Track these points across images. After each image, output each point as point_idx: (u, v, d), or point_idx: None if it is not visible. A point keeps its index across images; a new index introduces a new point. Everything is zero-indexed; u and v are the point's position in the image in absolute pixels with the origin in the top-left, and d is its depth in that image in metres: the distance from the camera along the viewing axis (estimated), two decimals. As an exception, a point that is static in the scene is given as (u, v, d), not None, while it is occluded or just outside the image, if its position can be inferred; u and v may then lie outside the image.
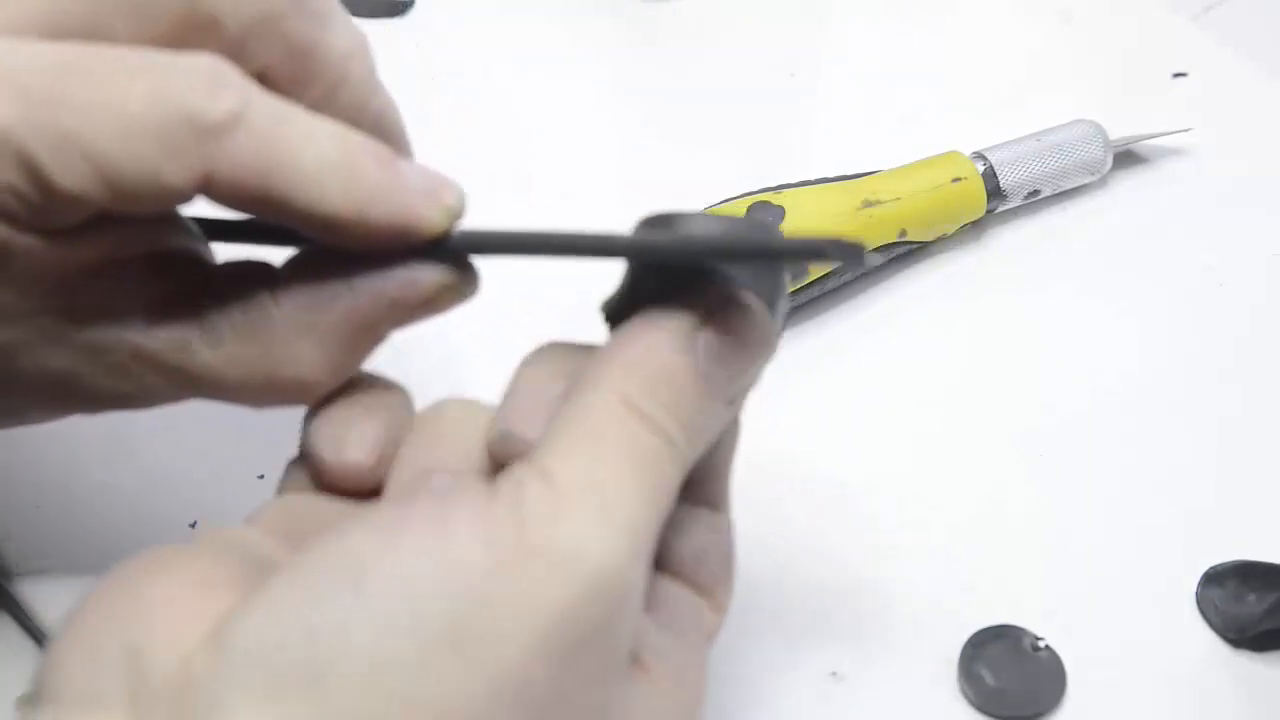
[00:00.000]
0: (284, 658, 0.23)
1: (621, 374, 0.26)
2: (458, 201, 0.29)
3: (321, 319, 0.28)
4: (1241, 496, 0.40)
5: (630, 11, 0.58)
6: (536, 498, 0.24)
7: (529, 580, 0.23)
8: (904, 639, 0.37)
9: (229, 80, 0.26)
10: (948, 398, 0.43)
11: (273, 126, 0.26)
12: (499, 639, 0.23)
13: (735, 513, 0.40)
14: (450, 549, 0.23)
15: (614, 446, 0.25)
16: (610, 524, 0.24)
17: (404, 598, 0.23)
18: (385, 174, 0.28)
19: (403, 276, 0.28)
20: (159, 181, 0.26)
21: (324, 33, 0.29)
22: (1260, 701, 0.35)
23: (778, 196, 0.44)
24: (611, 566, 0.24)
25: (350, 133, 0.28)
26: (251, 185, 0.26)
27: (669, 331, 0.27)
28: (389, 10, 0.58)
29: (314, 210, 0.27)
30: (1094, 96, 0.54)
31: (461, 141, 0.52)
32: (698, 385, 0.27)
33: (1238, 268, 0.47)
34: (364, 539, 0.24)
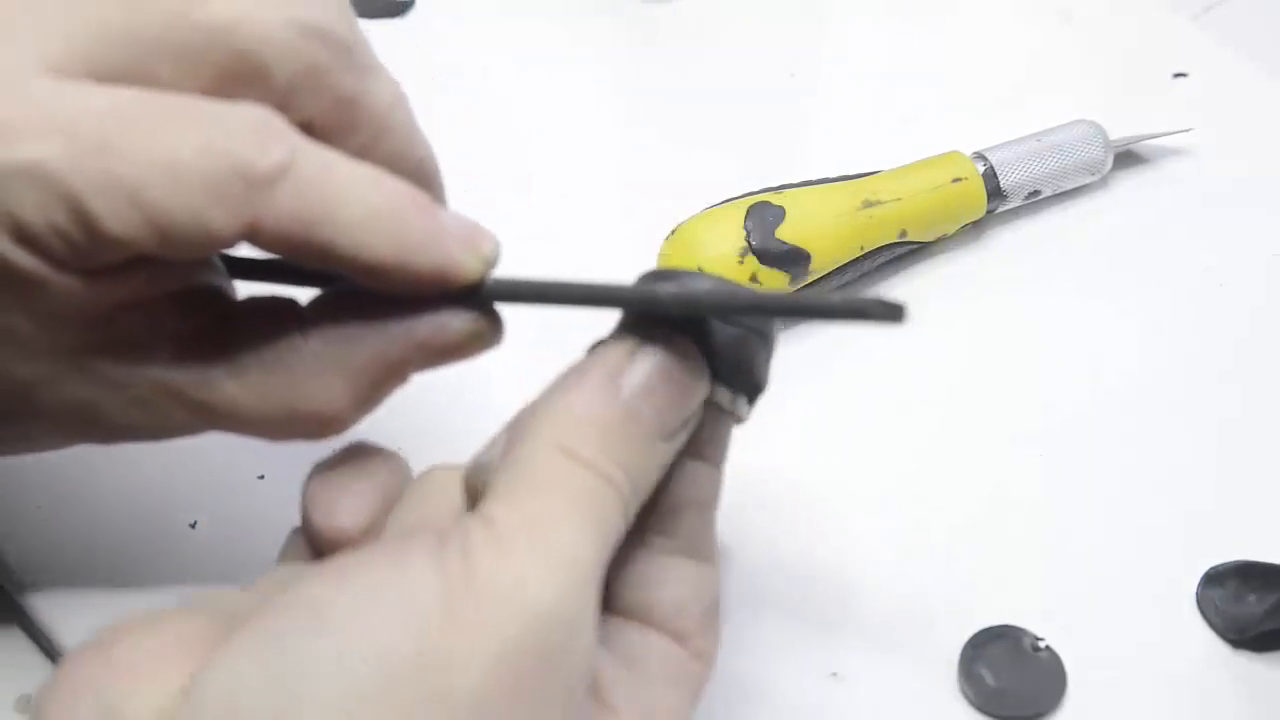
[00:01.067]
0: (251, 704, 0.23)
1: (552, 422, 0.27)
2: (493, 250, 0.29)
3: (348, 356, 0.29)
4: (1242, 497, 0.40)
5: (630, 12, 0.58)
6: (480, 540, 0.25)
7: (480, 616, 0.24)
8: (904, 639, 0.37)
9: (277, 131, 0.27)
10: (948, 398, 0.43)
11: (319, 177, 0.27)
12: (453, 673, 0.24)
13: (734, 512, 0.40)
14: (404, 587, 0.24)
15: (549, 489, 0.26)
16: (549, 560, 0.25)
17: (362, 634, 0.24)
18: (427, 222, 0.28)
19: (433, 322, 0.29)
20: (206, 229, 0.26)
21: (368, 84, 0.30)
22: (1260, 702, 0.35)
23: (778, 196, 0.44)
24: (554, 604, 0.25)
25: (393, 181, 0.28)
26: (297, 233, 0.27)
27: (593, 374, 0.28)
28: (389, 10, 0.58)
29: (358, 257, 0.27)
30: (1094, 96, 0.54)
31: (462, 141, 0.52)
32: (627, 422, 0.27)
33: (1238, 268, 0.47)
34: (321, 583, 0.25)
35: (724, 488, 0.41)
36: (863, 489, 0.41)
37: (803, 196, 0.44)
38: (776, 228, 0.43)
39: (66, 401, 0.29)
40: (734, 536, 0.39)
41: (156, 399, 0.29)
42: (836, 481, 0.41)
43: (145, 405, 0.29)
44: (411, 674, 0.23)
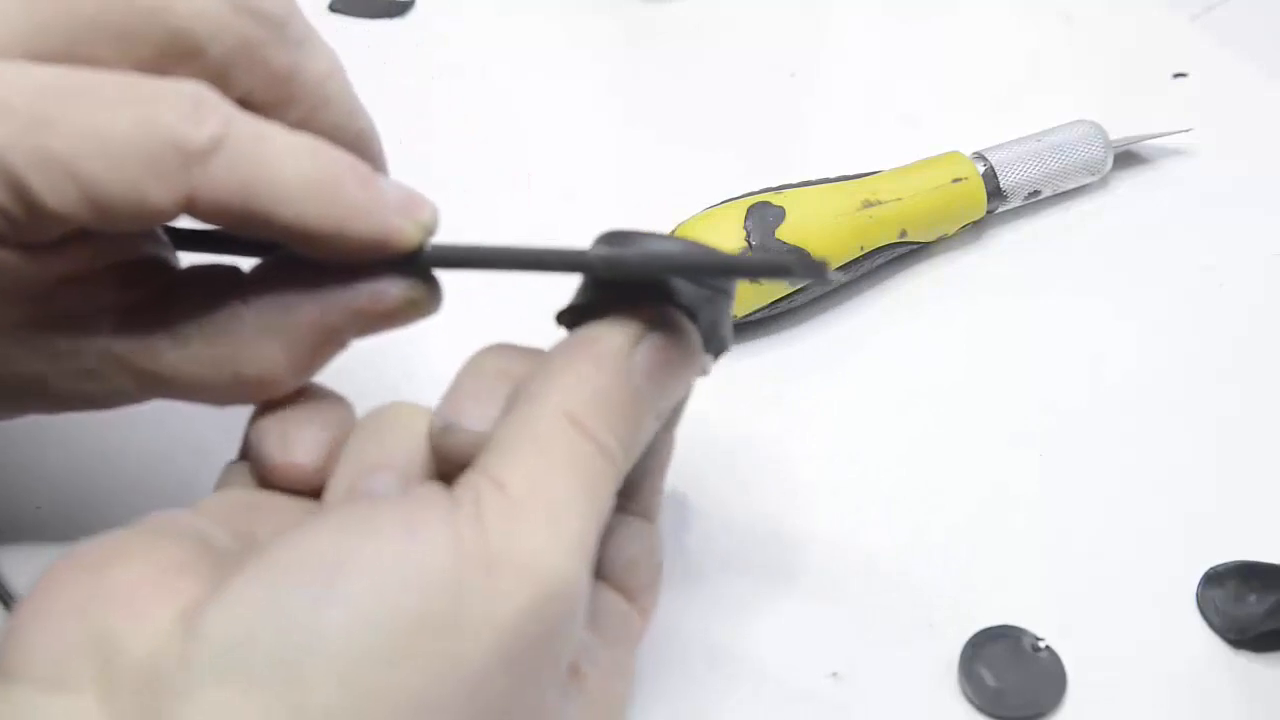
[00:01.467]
0: (257, 651, 0.23)
1: (564, 389, 0.27)
2: (432, 218, 0.30)
3: (288, 323, 0.30)
4: (1242, 497, 0.40)
5: (630, 12, 0.58)
6: (493, 508, 0.25)
7: (491, 587, 0.24)
8: (904, 639, 0.37)
9: (212, 105, 0.27)
10: (948, 398, 0.43)
11: (254, 148, 0.27)
12: (463, 639, 0.24)
13: (734, 513, 0.40)
14: (418, 551, 0.24)
15: (560, 459, 0.26)
16: (560, 537, 0.25)
17: (374, 596, 0.24)
18: (365, 190, 0.29)
19: (370, 289, 0.30)
20: (144, 203, 0.27)
21: (303, 57, 0.30)
22: (1261, 703, 0.35)
23: (778, 196, 0.44)
24: (563, 577, 0.25)
25: (330, 149, 0.29)
26: (234, 204, 0.27)
27: (607, 349, 0.28)
28: (389, 10, 0.58)
29: (295, 226, 0.28)
30: (1094, 97, 0.54)
31: (461, 141, 0.52)
32: (633, 401, 0.28)
33: (1238, 268, 0.47)
34: (333, 538, 0.25)
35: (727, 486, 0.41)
36: (862, 489, 0.41)
37: (803, 196, 0.44)
38: (776, 228, 0.43)
39: (13, 374, 0.30)
40: (733, 536, 0.39)
41: (102, 369, 0.30)
42: (836, 481, 0.41)
43: (91, 376, 0.30)
44: (418, 640, 0.24)
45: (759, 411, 0.43)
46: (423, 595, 0.24)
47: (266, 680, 0.23)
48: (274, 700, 0.23)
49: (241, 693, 0.23)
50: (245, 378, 0.30)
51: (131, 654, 0.24)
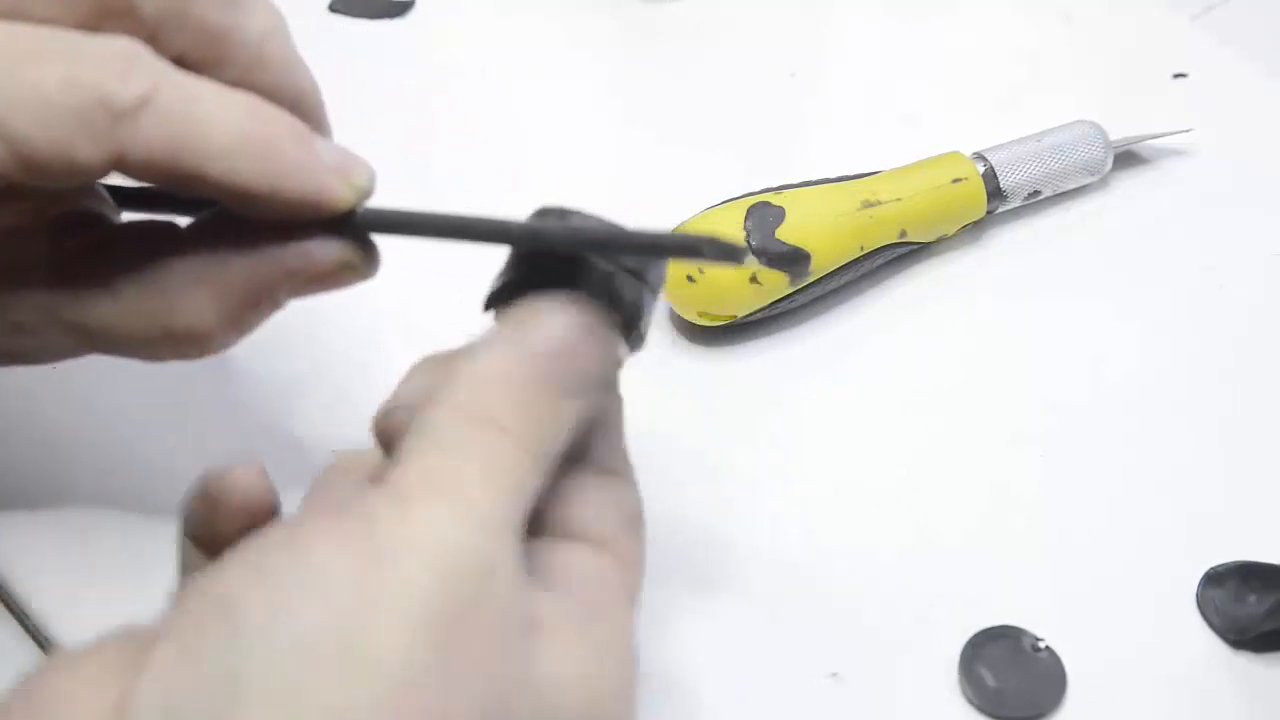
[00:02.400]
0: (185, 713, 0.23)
1: (459, 383, 0.27)
2: (367, 180, 0.30)
3: (219, 277, 0.30)
4: (1242, 497, 0.40)
5: (630, 12, 0.58)
6: (382, 504, 0.25)
7: (389, 579, 0.24)
8: (904, 639, 0.37)
9: (141, 62, 0.27)
10: (948, 398, 0.43)
11: (184, 106, 0.27)
12: (377, 641, 0.24)
13: (734, 513, 0.40)
14: (310, 567, 0.24)
15: (451, 447, 0.26)
16: (453, 510, 0.25)
17: (278, 624, 0.24)
18: (299, 149, 0.29)
19: (302, 249, 0.30)
20: (72, 160, 0.27)
21: (237, 15, 0.30)
22: (1261, 703, 0.35)
23: (778, 196, 0.44)
24: (462, 548, 0.25)
25: (266, 108, 0.29)
26: (164, 161, 0.27)
27: (501, 340, 0.28)
28: (389, 10, 0.58)
29: (227, 183, 0.28)
30: (1094, 97, 0.54)
31: (461, 141, 0.52)
32: (535, 383, 0.28)
33: (1238, 268, 0.47)
34: (226, 578, 0.25)
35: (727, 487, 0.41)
36: (862, 489, 0.41)
37: (803, 196, 0.44)
38: (776, 228, 0.43)
39: None
40: (733, 535, 0.39)
41: (34, 322, 0.30)
42: (836, 481, 0.41)
43: (22, 329, 0.30)
44: (337, 654, 0.23)
45: (759, 411, 0.43)
46: (323, 614, 0.24)
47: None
48: None
49: None
50: (175, 330, 0.30)
51: None
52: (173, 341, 0.30)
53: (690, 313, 0.44)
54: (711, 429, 0.42)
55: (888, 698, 0.36)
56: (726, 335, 0.45)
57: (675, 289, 0.43)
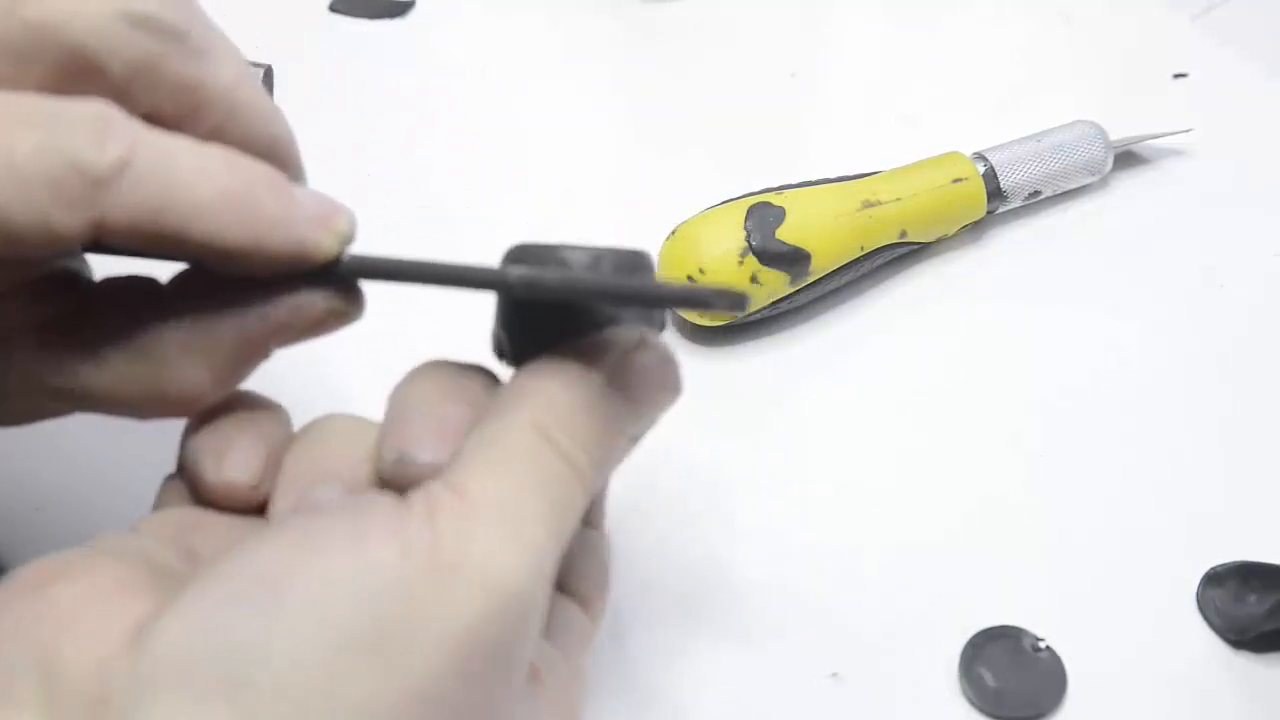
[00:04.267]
0: (205, 666, 0.23)
1: (537, 404, 0.27)
2: (349, 227, 0.29)
3: (209, 339, 0.29)
4: (1242, 497, 0.40)
5: (630, 12, 0.58)
6: (449, 513, 0.25)
7: (442, 594, 0.24)
8: (904, 639, 0.37)
9: (115, 124, 0.26)
10: (948, 398, 0.43)
11: (163, 166, 0.27)
12: (413, 650, 0.24)
13: (735, 513, 0.40)
14: (366, 562, 0.24)
15: (526, 470, 0.26)
16: (519, 544, 0.25)
17: (322, 609, 0.24)
18: (280, 201, 0.28)
19: (291, 302, 0.29)
20: (49, 230, 0.26)
21: (206, 68, 0.29)
22: (1261, 703, 0.35)
23: (778, 196, 0.44)
24: (519, 585, 0.25)
25: (243, 160, 0.28)
26: (146, 225, 0.27)
27: (584, 369, 0.28)
28: (389, 10, 0.58)
29: (210, 243, 0.27)
30: (1094, 97, 0.54)
31: (461, 141, 0.52)
32: (606, 421, 0.28)
33: (1238, 268, 0.47)
34: (279, 551, 0.25)
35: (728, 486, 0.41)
36: (863, 488, 0.41)
37: (803, 196, 0.44)
38: (777, 228, 0.43)
39: None
40: (733, 535, 0.39)
41: (18, 388, 0.29)
42: (836, 481, 0.41)
43: (8, 396, 0.29)
44: (367, 652, 0.23)
45: (759, 411, 0.43)
46: (371, 607, 0.24)
47: (215, 695, 0.23)
48: (223, 714, 0.23)
49: (190, 707, 0.23)
50: (167, 395, 0.29)
51: (76, 672, 0.23)
52: (163, 405, 0.29)
53: (690, 313, 0.44)
54: (711, 429, 0.42)
55: (888, 698, 0.36)
56: (726, 335, 0.45)
57: (675, 289, 0.43)
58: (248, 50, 0.49)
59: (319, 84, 0.54)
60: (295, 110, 0.51)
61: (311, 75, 0.54)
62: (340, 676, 0.23)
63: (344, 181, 0.52)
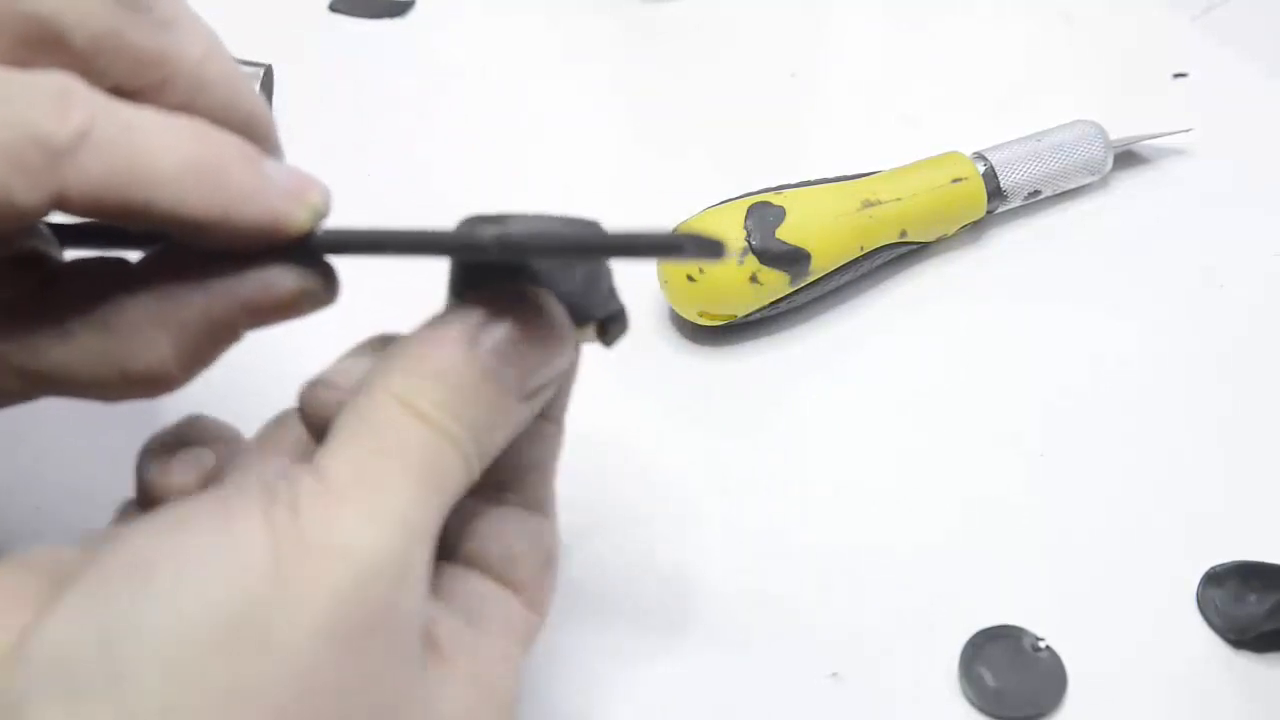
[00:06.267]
0: (81, 662, 0.23)
1: (399, 374, 0.27)
2: (323, 200, 0.29)
3: (175, 318, 0.29)
4: (1242, 497, 0.40)
5: (630, 12, 0.58)
6: (310, 495, 0.25)
7: (306, 573, 0.24)
8: (904, 639, 0.37)
9: (76, 96, 0.26)
10: (948, 398, 0.43)
11: (125, 137, 0.26)
12: (284, 629, 0.24)
13: (735, 512, 0.40)
14: (233, 545, 0.24)
15: (387, 444, 0.26)
16: (380, 519, 0.25)
17: (191, 594, 0.24)
18: (250, 173, 0.28)
19: (260, 280, 0.28)
20: (10, 203, 0.26)
21: (173, 39, 0.29)
22: (1261, 703, 0.35)
23: (778, 196, 0.44)
24: (383, 558, 0.25)
25: (212, 131, 0.28)
26: (110, 197, 0.26)
27: (451, 331, 0.27)
28: (389, 10, 0.58)
29: (176, 214, 0.27)
30: (1094, 96, 0.54)
31: (461, 141, 0.52)
32: (482, 383, 0.27)
33: (1238, 268, 0.47)
34: (148, 539, 0.25)
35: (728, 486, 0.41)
36: (863, 488, 0.41)
37: (803, 196, 0.44)
38: (776, 228, 0.43)
39: None
40: (733, 534, 0.39)
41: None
42: (836, 481, 0.41)
43: None
44: (239, 632, 0.24)
45: (759, 411, 0.43)
46: (237, 587, 0.24)
47: (93, 691, 0.23)
48: (101, 709, 0.23)
49: (69, 707, 0.23)
50: (133, 374, 0.29)
51: None
52: (130, 384, 0.29)
53: (690, 312, 0.44)
54: (711, 428, 0.42)
55: (888, 698, 0.36)
56: (726, 335, 0.45)
57: (675, 288, 0.43)
58: (248, 50, 0.49)
59: (319, 84, 0.54)
60: (295, 110, 0.51)
61: (311, 75, 0.54)
62: (214, 657, 0.23)
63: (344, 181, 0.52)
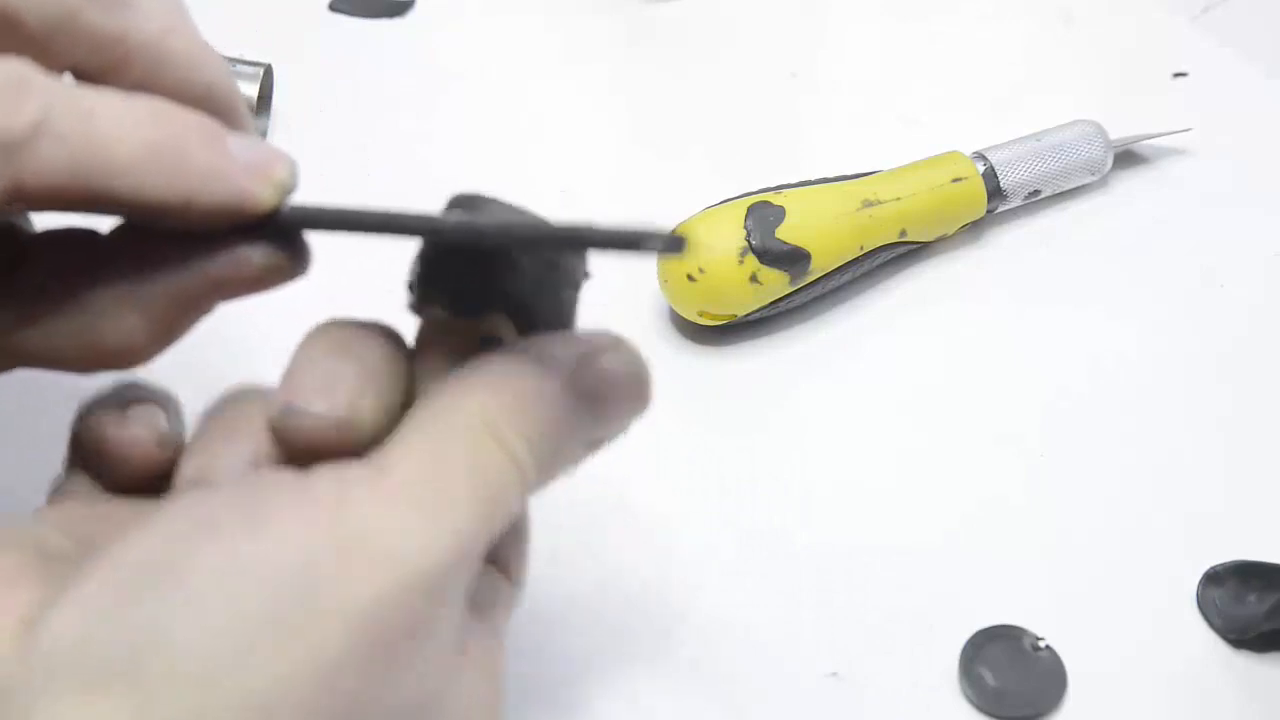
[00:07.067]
0: (102, 655, 0.23)
1: (487, 391, 0.26)
2: (289, 176, 0.28)
3: (145, 294, 0.28)
4: (1242, 496, 0.40)
5: (630, 12, 0.58)
6: (365, 491, 0.24)
7: (346, 570, 0.24)
8: (904, 639, 0.37)
9: (30, 84, 0.26)
10: (948, 398, 0.43)
11: (82, 124, 0.26)
12: (318, 630, 0.23)
13: (734, 512, 0.40)
14: (264, 541, 0.24)
15: (458, 456, 0.25)
16: (436, 526, 0.25)
17: (220, 592, 0.23)
18: (211, 153, 0.27)
19: (228, 257, 0.28)
20: None
21: (129, 18, 0.28)
22: (1261, 703, 0.35)
23: (778, 196, 0.44)
24: (430, 565, 0.24)
25: (173, 111, 0.27)
26: (70, 186, 0.26)
27: (554, 362, 0.27)
28: (389, 10, 0.58)
29: (139, 199, 0.26)
30: (1094, 96, 0.54)
31: (461, 141, 0.52)
32: (560, 423, 0.27)
33: (1238, 268, 0.47)
34: (176, 534, 0.24)
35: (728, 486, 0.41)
36: (862, 488, 0.41)
37: (803, 196, 0.44)
38: (776, 228, 0.43)
39: None
40: (733, 534, 0.39)
41: None
42: (836, 480, 0.41)
43: None
44: (265, 638, 0.23)
45: (759, 411, 0.43)
46: (273, 588, 0.23)
47: (115, 685, 0.23)
48: (120, 704, 0.23)
49: (86, 698, 0.23)
50: (104, 349, 0.28)
51: None
52: (101, 358, 0.29)
53: (690, 312, 0.44)
54: (711, 428, 0.42)
55: (888, 698, 0.36)
56: (726, 335, 0.45)
57: (676, 288, 0.43)
58: (248, 50, 0.49)
59: (319, 83, 0.54)
60: (295, 110, 0.51)
61: (311, 75, 0.54)
62: (244, 660, 0.23)
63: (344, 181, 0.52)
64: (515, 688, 0.30)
